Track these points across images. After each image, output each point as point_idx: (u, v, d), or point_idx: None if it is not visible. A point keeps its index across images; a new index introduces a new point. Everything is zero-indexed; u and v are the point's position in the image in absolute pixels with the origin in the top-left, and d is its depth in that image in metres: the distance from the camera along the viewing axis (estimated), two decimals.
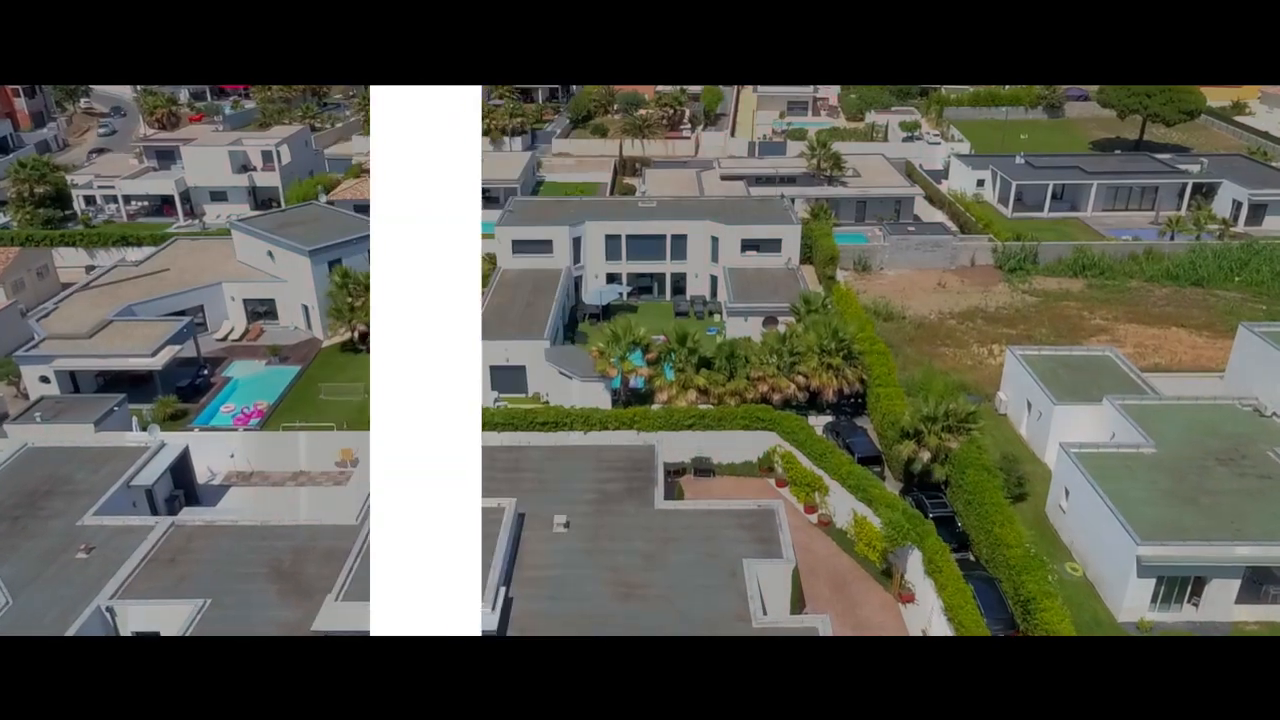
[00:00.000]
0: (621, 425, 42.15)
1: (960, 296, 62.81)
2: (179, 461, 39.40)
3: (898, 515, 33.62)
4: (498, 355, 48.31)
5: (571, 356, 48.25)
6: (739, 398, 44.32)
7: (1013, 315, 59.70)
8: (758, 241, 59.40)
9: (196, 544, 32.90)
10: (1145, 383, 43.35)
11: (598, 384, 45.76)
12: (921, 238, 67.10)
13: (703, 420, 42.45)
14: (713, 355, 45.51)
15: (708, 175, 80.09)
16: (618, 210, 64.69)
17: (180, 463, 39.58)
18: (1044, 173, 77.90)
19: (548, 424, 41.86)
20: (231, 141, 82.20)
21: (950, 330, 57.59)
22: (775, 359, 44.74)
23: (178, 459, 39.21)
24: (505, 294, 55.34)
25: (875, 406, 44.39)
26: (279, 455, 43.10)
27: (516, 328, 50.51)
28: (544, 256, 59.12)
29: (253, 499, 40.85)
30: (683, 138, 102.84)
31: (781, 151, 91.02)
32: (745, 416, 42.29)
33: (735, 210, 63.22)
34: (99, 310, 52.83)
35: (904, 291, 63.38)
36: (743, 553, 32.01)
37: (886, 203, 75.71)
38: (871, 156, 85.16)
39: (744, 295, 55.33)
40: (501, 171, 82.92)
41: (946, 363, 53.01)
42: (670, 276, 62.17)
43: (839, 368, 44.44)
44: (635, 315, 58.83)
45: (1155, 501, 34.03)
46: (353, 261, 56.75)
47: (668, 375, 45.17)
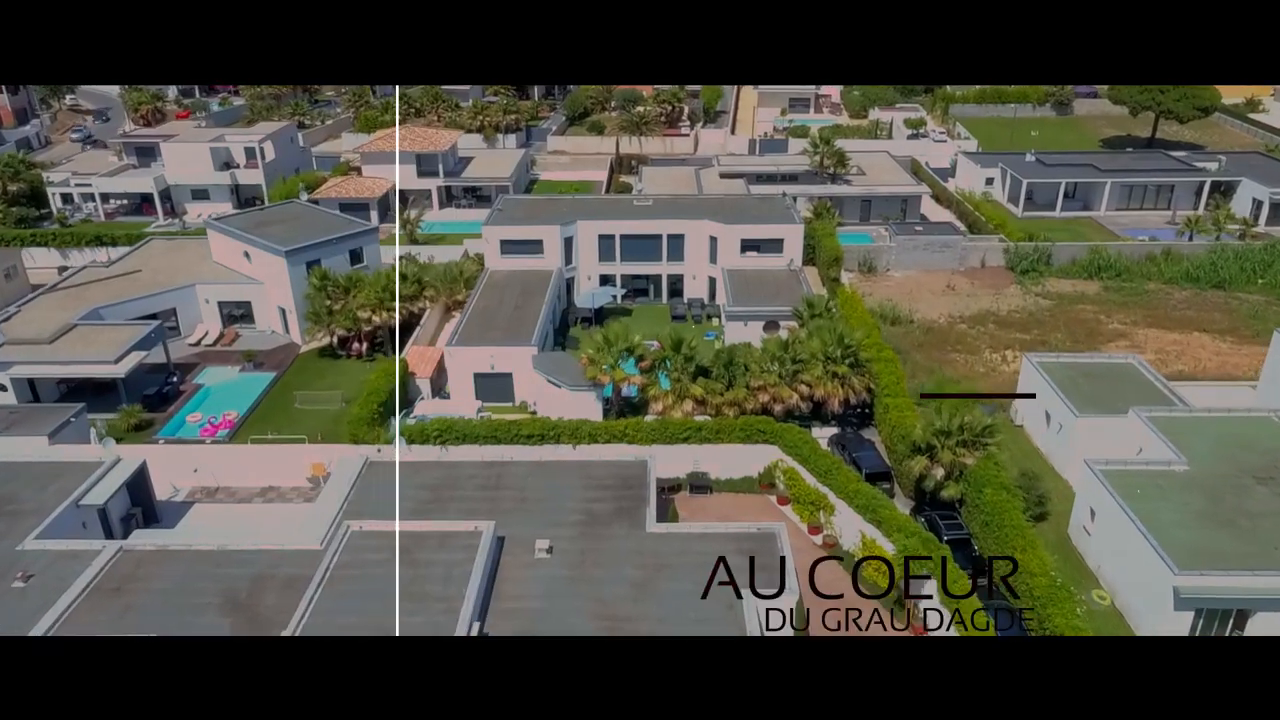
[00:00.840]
0: (613, 438, 39.41)
1: (970, 299, 60.05)
2: (136, 477, 36.67)
3: (914, 541, 30.85)
4: (482, 362, 45.55)
5: (561, 364, 45.47)
6: (738, 408, 41.55)
7: (1026, 319, 56.92)
8: (758, 242, 56.57)
9: (146, 571, 30.10)
10: (1173, 393, 40.55)
11: (588, 393, 42.98)
12: (929, 238, 64.30)
13: (699, 433, 39.67)
14: (710, 363, 42.73)
15: (706, 173, 77.30)
16: (612, 209, 61.85)
17: (137, 478, 36.86)
18: (1056, 170, 75.09)
19: (533, 436, 39.11)
20: (214, 138, 79.41)
21: (961, 335, 54.82)
22: (777, 367, 41.96)
23: (134, 474, 36.47)
24: (492, 296, 52.57)
25: (883, 418, 41.60)
26: (247, 469, 40.37)
27: (503, 333, 47.74)
28: (534, 257, 56.33)
29: (217, 517, 38.09)
30: (681, 135, 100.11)
31: (783, 149, 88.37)
32: (745, 429, 39.52)
33: (735, 209, 60.43)
34: (64, 314, 50.08)
35: (911, 294, 60.62)
36: (741, 580, 29.27)
37: (892, 201, 72.90)
38: (876, 154, 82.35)
39: (744, 298, 52.52)
40: (493, 169, 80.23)
41: (957, 370, 50.25)
42: (667, 278, 59.35)
43: (845, 376, 41.66)
44: (630, 319, 56.09)
45: (1190, 525, 31.25)
46: (333, 262, 54.04)
47: (663, 384, 42.41)
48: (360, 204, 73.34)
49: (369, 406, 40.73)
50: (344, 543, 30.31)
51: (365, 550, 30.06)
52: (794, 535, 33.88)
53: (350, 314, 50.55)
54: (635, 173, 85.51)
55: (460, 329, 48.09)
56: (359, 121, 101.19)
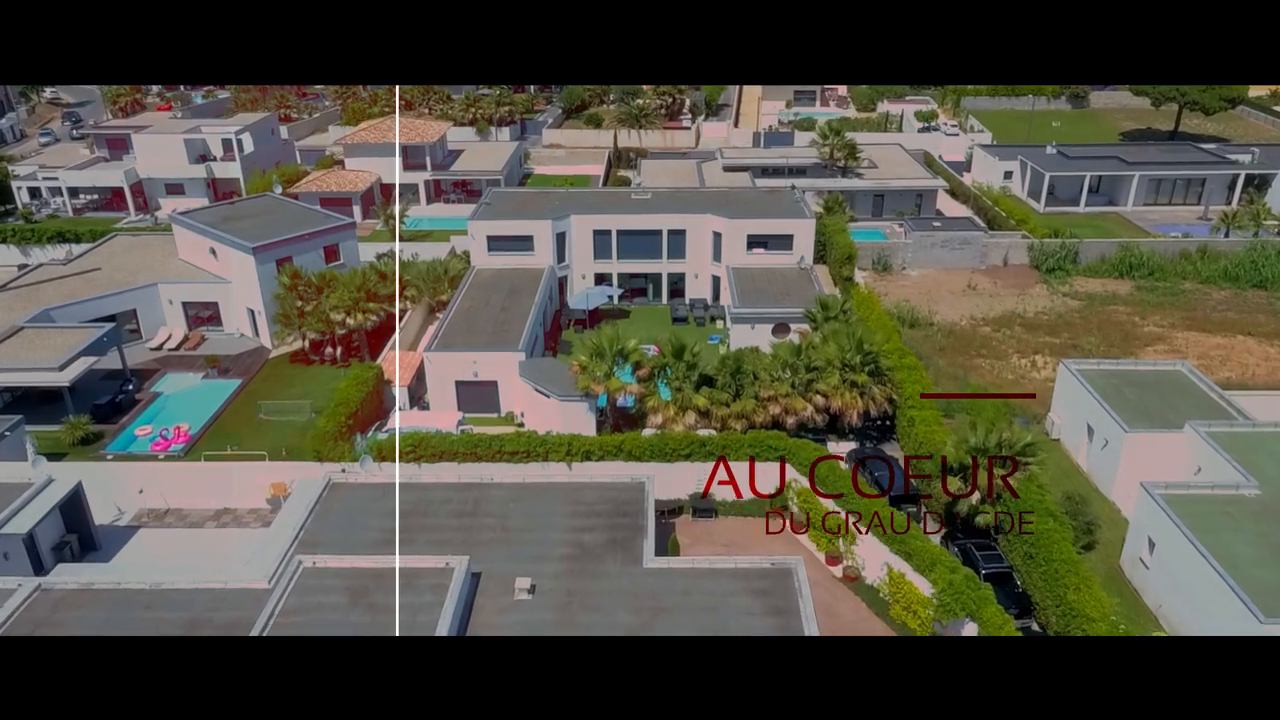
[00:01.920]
0: (607, 454, 35.34)
1: (993, 300, 55.94)
2: (70, 500, 32.64)
3: (958, 579, 26.74)
4: (464, 369, 41.44)
5: (551, 371, 41.37)
6: (746, 421, 37.50)
7: (1054, 321, 52.80)
8: (766, 237, 52.45)
9: (64, 615, 26.01)
10: (1230, 404, 36.41)
11: (580, 404, 38.89)
12: (948, 234, 60.14)
13: (703, 449, 35.56)
14: (715, 370, 38.65)
15: (709, 166, 73.22)
16: (608, 202, 57.66)
17: (72, 501, 32.81)
18: (1079, 163, 70.90)
19: (518, 453, 35.04)
20: (188, 129, 75.27)
21: (985, 339, 50.70)
22: (789, 375, 37.89)
23: (68, 496, 32.44)
24: (477, 297, 48.44)
25: (907, 432, 37.52)
26: (201, 489, 36.27)
27: (488, 337, 43.61)
28: (524, 254, 52.23)
29: (163, 545, 34.02)
30: (683, 128, 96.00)
31: (789, 142, 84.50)
32: (754, 444, 35.40)
33: (740, 202, 56.31)
34: (13, 315, 46.07)
35: (930, 294, 56.53)
36: (753, 627, 25.27)
37: (907, 196, 68.72)
38: (888, 146, 78.16)
39: (751, 299, 48.40)
40: (484, 162, 76.13)
41: (984, 376, 46.16)
42: (667, 277, 55.21)
43: (865, 386, 37.58)
44: (627, 321, 52.05)
45: (1270, 562, 27.11)
46: (306, 260, 49.97)
47: (663, 394, 38.34)
48: (342, 199, 69.34)
49: (336, 419, 36.66)
50: (294, 581, 26.25)
51: (318, 591, 25.97)
52: (809, 564, 29.80)
53: (323, 316, 46.48)
54: (634, 167, 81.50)
55: (441, 332, 43.98)
56: (345, 114, 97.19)
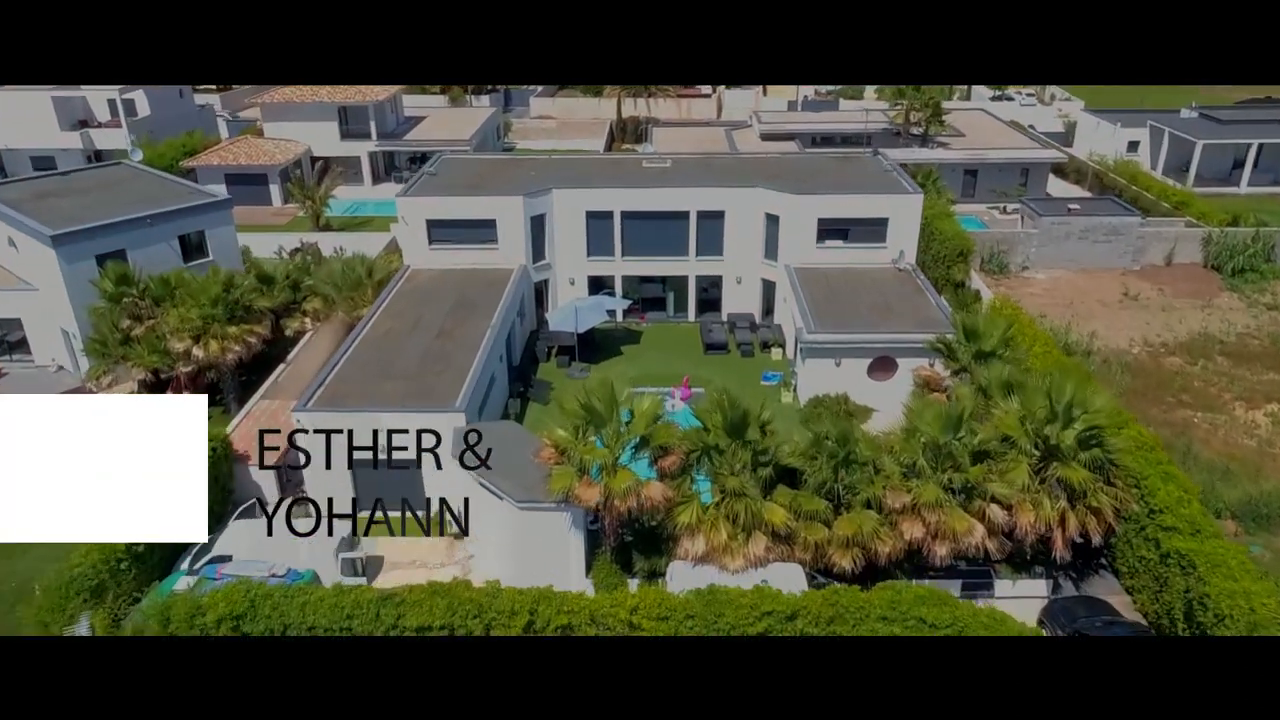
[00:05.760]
0: (604, 627, 18.24)
1: (1168, 314, 38.70)
2: None
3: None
4: (361, 437, 24.16)
5: (513, 445, 24.09)
6: (861, 551, 20.38)
7: (1273, 349, 35.60)
8: (847, 223, 35.08)
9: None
10: None
11: (562, 514, 21.75)
12: (1089, 220, 42.79)
13: (790, 620, 18.43)
14: (800, 455, 21.46)
15: (742, 134, 56.18)
16: (609, 173, 40.07)
17: None
18: (1236, 129, 53.57)
19: (430, 633, 17.87)
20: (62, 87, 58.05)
21: (1176, 375, 33.52)
22: (938, 466, 20.68)
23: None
24: (405, 314, 31.19)
25: (1143, 567, 20.34)
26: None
27: (408, 385, 26.37)
28: (481, 248, 35.03)
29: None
30: (702, 96, 78.67)
31: (833, 110, 67.46)
32: (895, 608, 18.25)
33: (804, 172, 38.88)
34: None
35: (1073, 306, 39.36)
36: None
37: (1008, 171, 51.39)
38: (971, 112, 60.93)
39: (831, 318, 31.04)
40: (447, 131, 58.78)
41: (1199, 435, 29.06)
42: (695, 282, 37.87)
43: (1087, 490, 20.31)
44: (638, 348, 34.89)
45: None
46: (151, 255, 32.81)
47: (703, 497, 21.23)
48: (255, 175, 52.26)
49: (91, 556, 19.49)
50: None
51: None
52: None
53: (157, 343, 29.34)
54: (644, 138, 64.44)
55: (329, 376, 26.61)
56: None
